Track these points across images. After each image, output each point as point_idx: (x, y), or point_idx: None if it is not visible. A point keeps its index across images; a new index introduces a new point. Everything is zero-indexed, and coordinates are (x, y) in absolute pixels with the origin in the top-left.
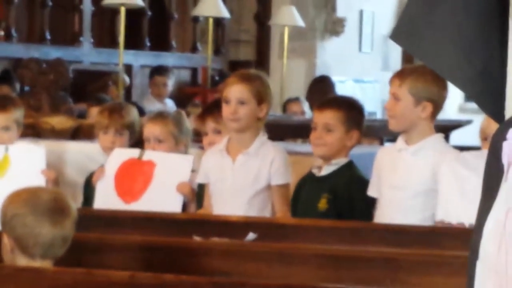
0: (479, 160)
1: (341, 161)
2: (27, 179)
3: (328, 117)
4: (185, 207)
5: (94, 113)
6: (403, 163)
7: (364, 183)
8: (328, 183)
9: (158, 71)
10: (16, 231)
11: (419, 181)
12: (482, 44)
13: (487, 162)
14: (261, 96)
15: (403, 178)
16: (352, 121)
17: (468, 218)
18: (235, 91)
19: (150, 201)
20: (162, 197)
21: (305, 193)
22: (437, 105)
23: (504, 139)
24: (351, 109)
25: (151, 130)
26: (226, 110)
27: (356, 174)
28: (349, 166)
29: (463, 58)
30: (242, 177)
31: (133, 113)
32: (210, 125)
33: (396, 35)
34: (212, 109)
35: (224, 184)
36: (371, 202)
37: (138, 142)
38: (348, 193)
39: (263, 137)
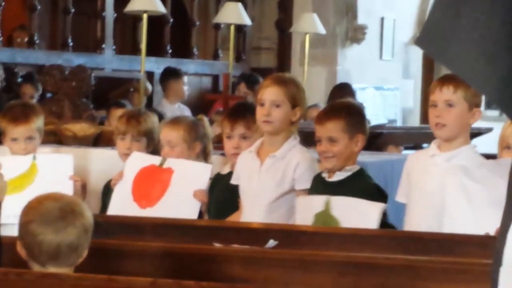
0: (484, 171)
1: (354, 167)
2: (55, 187)
3: (330, 129)
4: (201, 215)
5: (114, 116)
6: (436, 168)
7: (380, 190)
8: (341, 189)
9: (171, 74)
10: (24, 239)
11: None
12: (508, 50)
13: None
14: (295, 100)
15: (435, 182)
16: (354, 126)
17: (474, 229)
18: (270, 93)
19: (166, 207)
20: (178, 204)
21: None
22: (481, 111)
23: None
24: (350, 114)
25: (164, 135)
26: (260, 112)
27: (371, 181)
28: (361, 173)
29: (488, 63)
30: (267, 179)
31: (152, 120)
32: (239, 129)
33: (421, 40)
34: (244, 113)
35: (250, 186)
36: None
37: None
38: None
39: (293, 141)
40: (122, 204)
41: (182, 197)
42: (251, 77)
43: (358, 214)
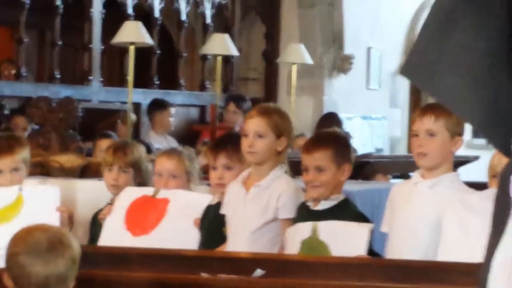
0: (484, 202)
1: (339, 197)
2: (41, 218)
3: (317, 159)
4: None
5: (100, 147)
6: (419, 195)
7: (365, 219)
8: (326, 218)
9: (158, 106)
10: (12, 270)
11: (432, 214)
12: (492, 79)
13: (496, 196)
14: (280, 130)
15: (417, 209)
16: (341, 156)
17: (467, 257)
18: (253, 124)
19: (163, 236)
20: (176, 233)
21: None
22: (463, 139)
23: None
24: (337, 144)
25: (165, 165)
26: (244, 143)
27: (356, 210)
28: (347, 203)
29: (473, 91)
30: (252, 208)
31: (139, 150)
32: (221, 160)
33: (406, 70)
34: (226, 144)
35: (235, 215)
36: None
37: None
38: None
39: (280, 170)
40: (114, 234)
41: (181, 226)
42: (239, 96)
43: (346, 236)
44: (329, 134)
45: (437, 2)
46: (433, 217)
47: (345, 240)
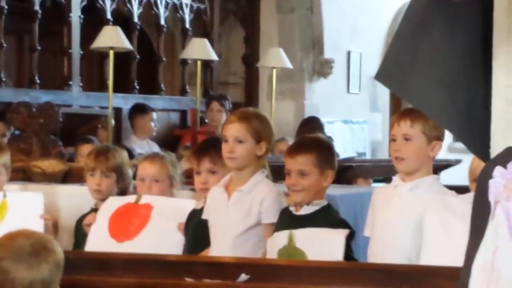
0: (466, 205)
1: (321, 202)
2: (25, 225)
3: (300, 163)
4: None
5: (82, 152)
6: (398, 198)
7: (346, 225)
8: (308, 223)
9: (139, 110)
10: None
11: (412, 216)
12: (466, 84)
13: (475, 201)
14: (259, 135)
15: (397, 212)
16: (324, 161)
17: (449, 260)
18: (232, 130)
19: (147, 241)
20: (160, 238)
21: (281, 229)
22: (442, 144)
23: (490, 177)
24: (321, 149)
25: (148, 170)
26: (224, 148)
27: (338, 216)
28: (329, 208)
29: (447, 97)
30: (234, 213)
31: (121, 155)
32: (205, 165)
33: (381, 75)
34: (209, 149)
35: (218, 220)
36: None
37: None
38: None
39: (261, 175)
40: (99, 242)
41: (165, 231)
42: (220, 95)
43: (323, 243)
44: (313, 139)
45: (410, 9)
46: (413, 220)
47: (322, 246)
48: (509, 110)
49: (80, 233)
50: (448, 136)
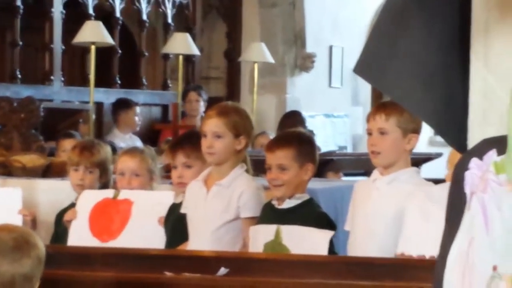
0: (444, 193)
1: (303, 196)
2: (3, 220)
3: (280, 157)
4: None
5: (63, 147)
6: (377, 191)
7: (328, 219)
8: (291, 216)
9: (123, 105)
10: None
11: (391, 210)
12: (444, 76)
13: (450, 192)
14: (238, 129)
15: (376, 205)
16: (304, 155)
17: (429, 250)
18: (211, 125)
19: (130, 239)
20: (143, 234)
21: (263, 223)
22: (419, 137)
23: (466, 169)
24: (301, 143)
25: (128, 164)
26: (203, 143)
27: (320, 210)
28: (311, 202)
29: (425, 90)
30: (212, 207)
31: (105, 150)
32: (180, 159)
33: (360, 68)
34: (183, 143)
35: (196, 214)
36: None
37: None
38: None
39: (240, 169)
40: (81, 243)
41: (147, 226)
42: (196, 86)
43: (308, 242)
44: (293, 134)
45: (388, 2)
46: (392, 214)
47: (307, 245)
48: (486, 103)
49: (60, 227)
50: (429, 129)
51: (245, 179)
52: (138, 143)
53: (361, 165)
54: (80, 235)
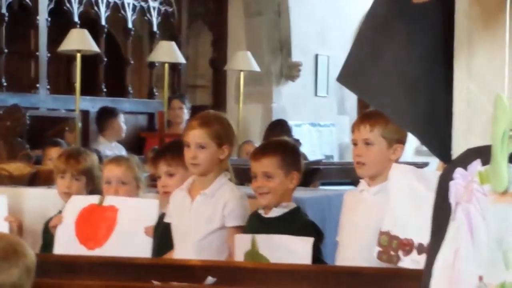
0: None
1: (290, 205)
2: None
3: (265, 165)
4: None
5: (49, 154)
6: (364, 202)
7: (316, 227)
8: (278, 225)
9: (108, 113)
10: None
11: (378, 221)
12: (428, 86)
13: (435, 202)
14: (221, 139)
15: (363, 217)
16: (289, 164)
17: (416, 233)
18: (194, 136)
19: (116, 246)
20: (128, 242)
21: (250, 232)
22: (404, 147)
23: (451, 179)
24: (286, 151)
25: (114, 172)
26: (186, 154)
27: (307, 219)
28: (298, 211)
29: (409, 100)
30: (197, 217)
31: (91, 158)
32: (162, 168)
33: (343, 77)
34: (165, 152)
35: (181, 223)
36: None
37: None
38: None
39: (223, 178)
40: (68, 248)
41: (132, 235)
42: (180, 94)
43: (288, 251)
44: (278, 142)
45: (371, 11)
46: (379, 225)
47: (286, 253)
48: (470, 112)
49: (48, 236)
50: (415, 139)
51: (229, 188)
52: (123, 151)
53: (348, 175)
54: (66, 241)
